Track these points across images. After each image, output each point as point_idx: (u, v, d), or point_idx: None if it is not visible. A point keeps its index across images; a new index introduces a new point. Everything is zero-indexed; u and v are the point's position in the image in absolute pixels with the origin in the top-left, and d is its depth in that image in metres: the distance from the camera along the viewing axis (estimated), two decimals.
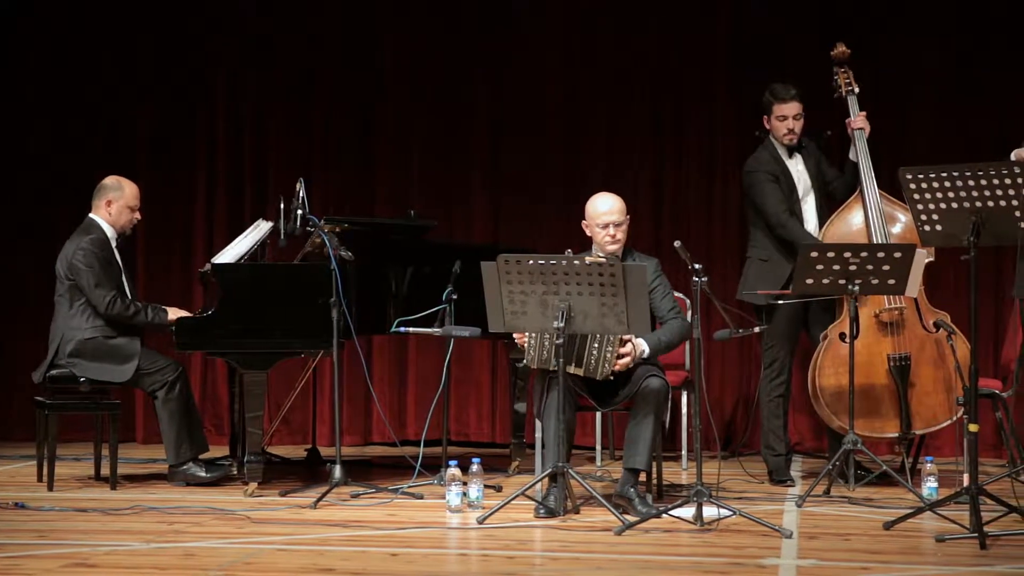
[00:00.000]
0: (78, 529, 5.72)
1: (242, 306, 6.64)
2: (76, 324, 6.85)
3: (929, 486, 6.32)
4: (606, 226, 6.26)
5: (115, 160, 8.65)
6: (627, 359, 6.07)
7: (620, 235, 6.28)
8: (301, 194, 6.60)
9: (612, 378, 6.11)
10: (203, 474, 6.89)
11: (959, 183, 5.37)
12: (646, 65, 8.76)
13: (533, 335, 6.08)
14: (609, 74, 8.80)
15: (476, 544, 5.52)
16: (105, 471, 6.98)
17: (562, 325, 5.77)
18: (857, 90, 7.18)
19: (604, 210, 6.29)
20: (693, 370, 7.36)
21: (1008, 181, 5.28)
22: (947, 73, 8.37)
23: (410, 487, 6.61)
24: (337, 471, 6.44)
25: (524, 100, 8.88)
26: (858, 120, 7.11)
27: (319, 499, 6.27)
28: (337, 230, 6.77)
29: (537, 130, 8.86)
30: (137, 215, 7.13)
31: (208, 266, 6.98)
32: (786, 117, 7.09)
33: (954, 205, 5.41)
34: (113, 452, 6.83)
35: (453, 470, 6.12)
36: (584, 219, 6.39)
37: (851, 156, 7.08)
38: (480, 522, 5.78)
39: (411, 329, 6.73)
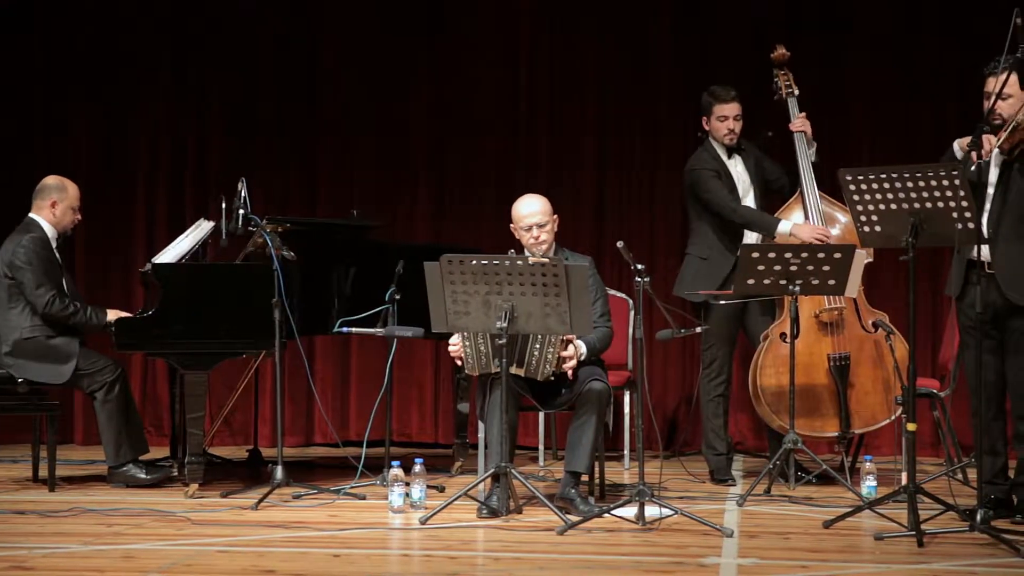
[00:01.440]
0: (15, 531, 5.65)
1: (183, 306, 6.59)
2: (15, 323, 6.78)
3: (868, 485, 6.37)
4: (529, 228, 6.24)
5: (54, 159, 8.58)
6: (572, 362, 6.08)
7: (544, 236, 6.25)
8: (243, 194, 6.57)
9: (553, 379, 6.12)
10: (143, 475, 6.83)
11: (898, 184, 5.42)
12: (588, 66, 8.79)
13: (468, 344, 6.07)
14: (551, 75, 8.82)
15: (418, 545, 5.51)
16: (43, 473, 6.90)
17: (505, 325, 5.77)
18: (797, 92, 7.23)
19: (526, 213, 6.27)
20: (635, 370, 7.39)
21: (946, 183, 5.34)
22: (885, 75, 8.45)
23: (352, 488, 6.58)
24: (279, 472, 6.41)
25: (466, 101, 8.87)
26: (797, 122, 7.16)
27: (260, 500, 6.24)
28: (279, 230, 6.74)
29: (479, 131, 8.85)
30: (78, 216, 7.08)
31: (149, 266, 6.92)
32: (726, 117, 7.13)
33: (893, 206, 5.46)
34: (51, 453, 6.75)
35: (396, 470, 6.09)
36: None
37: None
38: (422, 522, 5.77)
39: (354, 329, 6.71)
